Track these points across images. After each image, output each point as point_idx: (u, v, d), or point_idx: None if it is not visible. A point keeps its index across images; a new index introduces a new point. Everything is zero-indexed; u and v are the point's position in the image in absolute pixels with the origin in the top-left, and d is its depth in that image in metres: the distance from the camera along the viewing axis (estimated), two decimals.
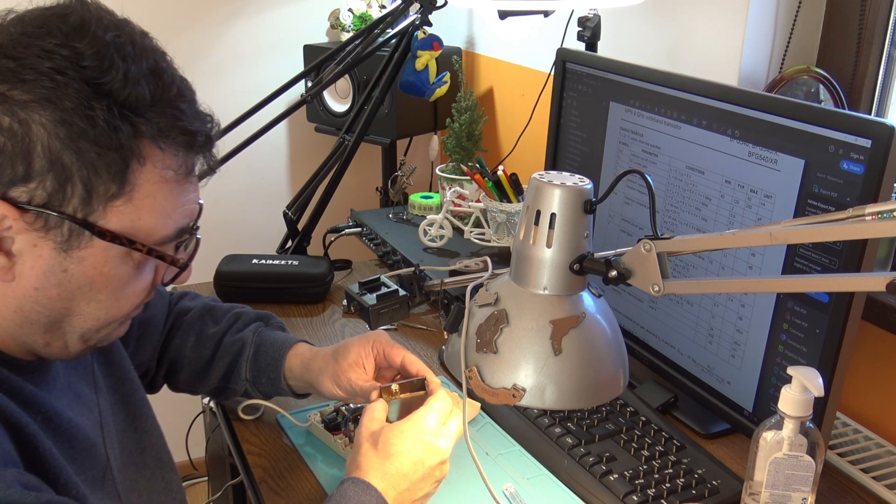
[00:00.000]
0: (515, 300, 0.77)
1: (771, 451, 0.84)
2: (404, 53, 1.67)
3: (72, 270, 0.70)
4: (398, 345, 1.00)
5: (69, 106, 0.65)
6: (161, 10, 2.07)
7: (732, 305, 1.05)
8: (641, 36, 1.54)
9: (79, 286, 0.71)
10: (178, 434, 1.64)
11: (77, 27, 0.68)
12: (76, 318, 0.73)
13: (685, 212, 1.10)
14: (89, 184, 0.67)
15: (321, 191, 1.67)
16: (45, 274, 0.70)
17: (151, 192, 0.71)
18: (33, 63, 0.66)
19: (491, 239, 1.53)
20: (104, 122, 0.66)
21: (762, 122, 0.97)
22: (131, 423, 0.92)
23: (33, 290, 0.70)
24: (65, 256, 0.69)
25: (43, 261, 0.69)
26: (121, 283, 0.74)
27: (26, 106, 0.65)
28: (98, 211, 0.69)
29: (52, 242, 0.69)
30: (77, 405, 0.82)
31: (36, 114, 0.65)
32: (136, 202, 0.70)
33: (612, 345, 0.78)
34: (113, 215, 0.70)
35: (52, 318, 0.72)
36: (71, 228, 0.68)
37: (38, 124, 0.65)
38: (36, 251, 0.69)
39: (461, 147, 1.74)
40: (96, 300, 0.73)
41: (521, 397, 0.75)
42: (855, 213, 0.65)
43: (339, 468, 1.05)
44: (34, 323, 0.72)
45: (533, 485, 1.02)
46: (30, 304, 0.71)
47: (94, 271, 0.71)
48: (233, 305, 1.15)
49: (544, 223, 0.74)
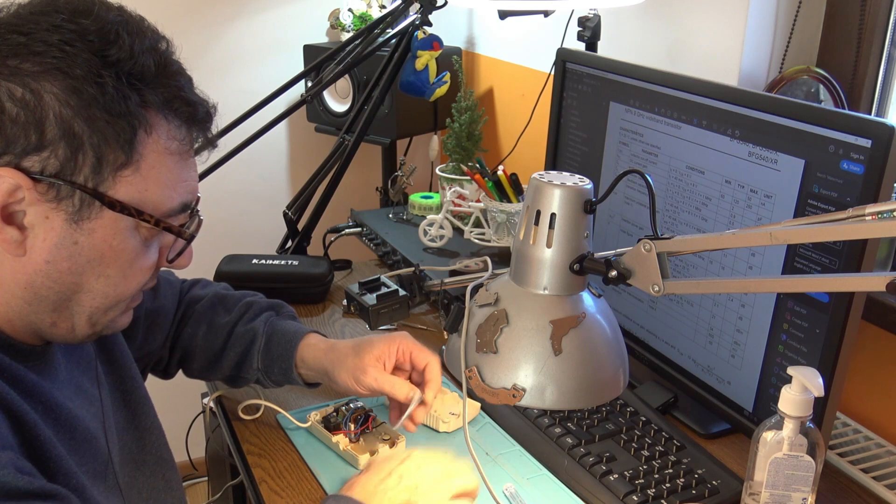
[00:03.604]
0: (515, 300, 0.77)
1: (771, 451, 0.84)
2: (404, 53, 1.67)
3: (82, 242, 0.72)
4: (425, 349, 1.01)
5: (79, 73, 0.68)
6: (161, 11, 2.06)
7: (732, 305, 1.05)
8: (641, 36, 1.54)
9: (88, 259, 0.73)
10: (178, 434, 1.64)
11: (82, 7, 0.71)
12: (85, 294, 0.75)
13: (685, 212, 1.10)
14: (99, 152, 0.69)
15: (321, 191, 1.67)
16: (57, 246, 0.71)
17: (157, 162, 0.73)
18: (43, 37, 0.68)
19: (491, 239, 1.53)
20: (113, 89, 0.69)
21: (762, 122, 0.97)
22: (132, 420, 0.92)
23: (44, 263, 0.71)
24: (76, 228, 0.71)
25: (54, 233, 0.71)
26: (129, 258, 0.75)
27: (38, 76, 0.67)
28: (108, 181, 0.71)
29: (64, 213, 0.70)
30: (78, 398, 0.82)
31: (47, 83, 0.67)
32: (143, 173, 0.72)
33: (612, 345, 0.78)
34: (122, 185, 0.71)
35: (61, 295, 0.74)
36: (82, 198, 0.70)
37: (50, 93, 0.67)
38: (48, 223, 0.70)
39: (461, 147, 1.74)
40: (105, 275, 0.74)
41: (521, 397, 0.75)
42: (855, 213, 0.65)
43: (338, 468, 1.05)
44: (43, 300, 0.73)
45: (533, 485, 1.02)
46: (40, 279, 0.72)
47: (103, 244, 0.73)
48: (244, 293, 1.15)
49: (544, 223, 0.74)
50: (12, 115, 0.67)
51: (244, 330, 1.08)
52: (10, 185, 0.68)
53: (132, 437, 0.91)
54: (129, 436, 0.90)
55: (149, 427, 0.94)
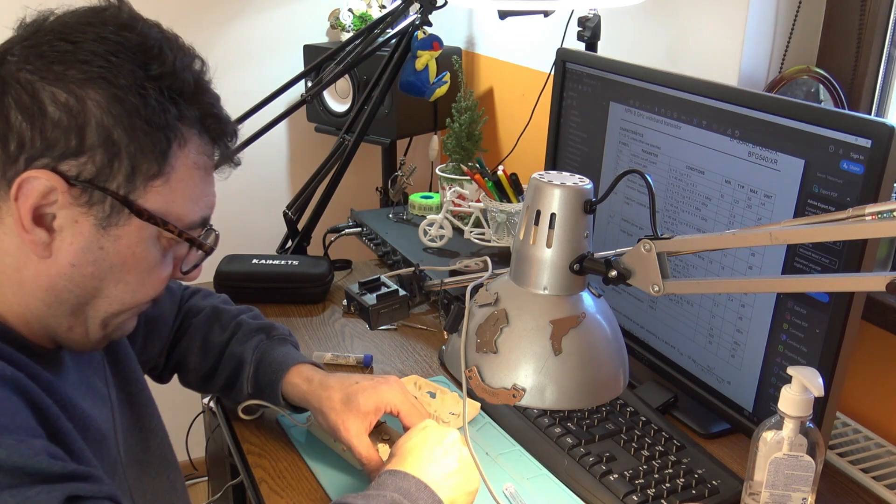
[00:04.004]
0: (515, 300, 0.77)
1: (771, 451, 0.84)
2: (404, 53, 1.67)
3: (107, 248, 0.73)
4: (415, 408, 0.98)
5: (124, 84, 0.70)
6: (161, 11, 2.07)
7: (732, 305, 1.05)
8: (641, 36, 1.54)
9: (112, 265, 0.74)
10: (179, 434, 1.64)
11: (127, 22, 0.74)
12: (103, 300, 0.76)
13: (685, 212, 1.10)
14: (135, 161, 0.71)
15: (321, 191, 1.67)
16: (83, 250, 0.72)
17: (185, 175, 0.75)
18: (90, 46, 0.70)
19: (491, 239, 1.53)
20: (155, 101, 0.71)
21: (762, 122, 0.97)
22: (137, 421, 0.92)
23: (69, 266, 0.73)
24: (103, 233, 0.72)
25: (82, 237, 0.72)
26: (149, 266, 0.77)
27: (83, 83, 0.69)
28: (139, 189, 0.73)
29: (93, 218, 0.72)
30: (91, 398, 0.83)
31: (91, 90, 0.69)
32: (171, 184, 0.74)
33: (612, 345, 0.78)
34: (151, 195, 0.73)
35: (80, 299, 0.75)
36: (112, 205, 0.72)
37: (93, 101, 0.69)
38: (76, 227, 0.72)
39: (461, 147, 1.74)
40: (124, 281, 0.76)
41: (521, 397, 0.75)
42: (855, 213, 0.65)
43: (339, 468, 1.05)
44: (63, 303, 0.74)
45: (533, 485, 1.02)
46: (63, 282, 0.73)
47: (127, 251, 0.74)
48: (240, 310, 1.14)
49: (544, 223, 0.74)
50: (55, 118, 0.69)
51: (233, 353, 1.08)
52: (45, 186, 0.69)
53: (137, 438, 0.91)
54: (133, 437, 0.91)
55: (153, 428, 0.94)
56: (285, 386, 1.04)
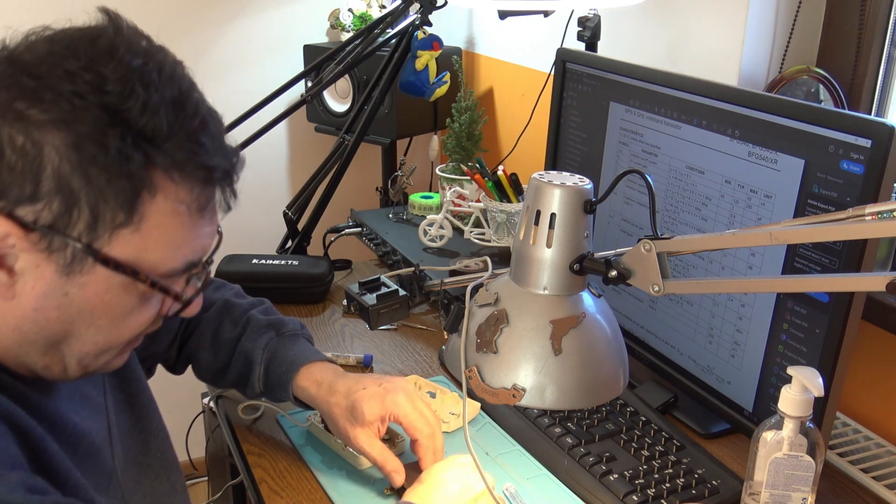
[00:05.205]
0: (515, 300, 0.77)
1: (771, 451, 0.84)
2: (404, 53, 1.67)
3: (73, 294, 0.69)
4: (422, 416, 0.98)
5: (83, 131, 0.65)
6: (161, 10, 2.07)
7: (732, 305, 1.05)
8: (641, 36, 1.54)
9: (79, 310, 0.70)
10: (179, 434, 1.64)
11: (104, 51, 0.67)
12: (75, 340, 0.72)
13: (685, 212, 1.10)
14: (96, 210, 0.66)
15: (321, 191, 1.67)
16: (45, 295, 0.68)
17: (161, 223, 0.69)
18: (54, 84, 0.65)
19: (491, 239, 1.53)
20: (116, 150, 0.65)
21: (762, 122, 0.97)
22: (137, 423, 0.91)
23: (32, 310, 0.69)
24: (66, 280, 0.68)
25: (44, 282, 0.68)
26: (122, 312, 0.72)
27: (42, 126, 0.64)
28: (103, 238, 0.67)
29: (55, 265, 0.67)
30: (84, 409, 0.82)
31: (50, 135, 0.64)
32: (143, 232, 0.69)
33: (612, 345, 0.78)
34: (118, 243, 0.68)
35: (50, 340, 0.71)
36: (74, 253, 0.67)
37: (51, 146, 0.64)
38: (38, 271, 0.67)
39: (461, 147, 1.74)
40: (96, 325, 0.71)
41: (521, 397, 0.75)
42: (855, 213, 0.65)
43: (339, 468, 1.05)
44: (32, 343, 0.71)
45: (533, 485, 1.02)
46: (28, 325, 0.70)
47: (95, 298, 0.70)
48: (251, 303, 1.13)
49: (544, 223, 0.74)
50: (10, 162, 0.64)
51: (244, 351, 1.07)
52: (1, 231, 0.65)
53: (137, 440, 0.90)
54: (134, 439, 0.90)
55: (154, 430, 0.93)
56: (295, 389, 1.03)
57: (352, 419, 0.97)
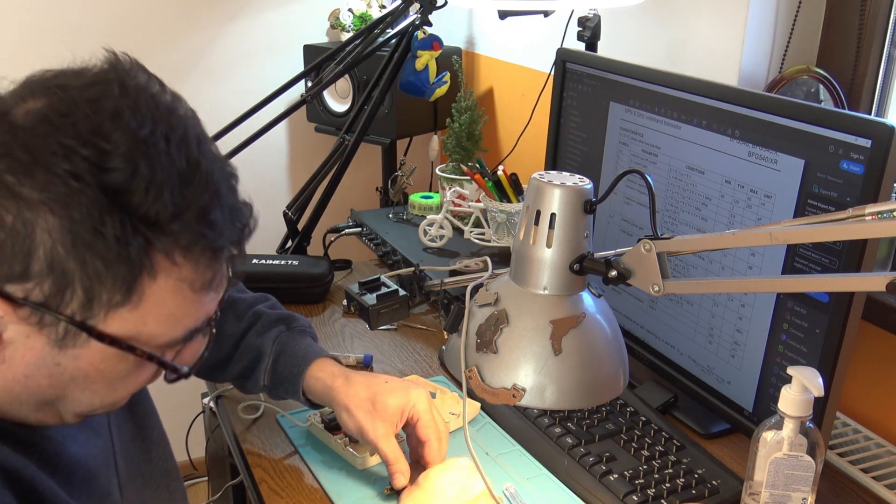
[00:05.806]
0: (515, 300, 0.77)
1: (771, 451, 0.84)
2: (404, 53, 1.67)
3: (65, 365, 0.66)
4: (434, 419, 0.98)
5: (78, 217, 0.60)
6: (161, 10, 2.07)
7: (732, 305, 1.05)
8: (641, 36, 1.54)
9: (72, 377, 0.67)
10: (178, 434, 1.64)
11: (108, 117, 0.62)
12: (69, 401, 0.70)
13: (685, 212, 1.10)
14: (91, 292, 0.62)
15: (321, 191, 1.67)
16: (36, 365, 0.65)
17: (162, 300, 0.65)
18: (49, 161, 0.60)
19: (491, 239, 1.53)
20: (114, 237, 0.61)
21: (762, 122, 0.97)
22: (139, 432, 0.90)
23: (23, 376, 0.66)
24: (58, 352, 0.65)
25: (34, 352, 0.65)
26: (118, 377, 0.69)
27: (33, 206, 0.60)
28: (98, 316, 0.64)
29: (46, 338, 0.64)
30: (83, 432, 0.80)
31: (42, 217, 0.60)
32: (142, 310, 0.65)
33: (612, 345, 0.78)
34: (115, 321, 0.64)
35: (43, 401, 0.69)
36: (67, 329, 0.63)
37: (43, 229, 0.60)
38: (28, 342, 0.64)
39: (461, 147, 1.74)
40: (90, 390, 0.69)
41: (521, 397, 0.75)
42: (855, 213, 0.65)
43: (339, 468, 1.05)
44: (24, 404, 0.69)
45: (533, 485, 1.02)
46: (19, 388, 0.67)
47: (89, 367, 0.67)
48: (256, 298, 1.12)
49: (544, 223, 0.74)
50: None
51: (251, 344, 1.06)
52: None
53: (139, 449, 0.89)
54: (136, 449, 0.89)
55: (155, 439, 0.92)
56: (307, 380, 1.02)
57: (372, 410, 0.96)
